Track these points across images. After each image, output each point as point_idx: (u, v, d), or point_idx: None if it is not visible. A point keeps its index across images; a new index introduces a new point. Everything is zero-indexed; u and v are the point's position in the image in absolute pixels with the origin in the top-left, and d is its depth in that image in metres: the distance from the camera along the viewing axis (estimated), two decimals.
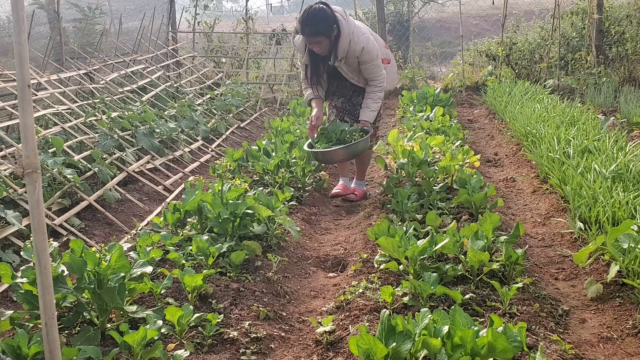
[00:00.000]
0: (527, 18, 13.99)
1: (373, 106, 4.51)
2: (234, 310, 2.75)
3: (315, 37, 4.24)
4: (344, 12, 4.41)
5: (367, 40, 4.34)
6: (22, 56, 1.71)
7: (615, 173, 4.05)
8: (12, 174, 4.02)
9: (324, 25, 4.21)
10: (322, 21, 4.21)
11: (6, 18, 7.73)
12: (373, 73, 4.46)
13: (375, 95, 4.51)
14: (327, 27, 4.21)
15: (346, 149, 4.30)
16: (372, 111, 4.51)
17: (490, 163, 5.70)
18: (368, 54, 4.34)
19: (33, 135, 1.75)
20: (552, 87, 8.72)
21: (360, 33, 4.36)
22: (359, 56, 4.34)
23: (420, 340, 2.03)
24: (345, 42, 4.27)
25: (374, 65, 4.41)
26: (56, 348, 1.82)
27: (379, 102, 4.55)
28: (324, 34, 4.23)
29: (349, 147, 4.30)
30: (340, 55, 4.33)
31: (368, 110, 4.50)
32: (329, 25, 4.21)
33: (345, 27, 4.28)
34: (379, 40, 4.69)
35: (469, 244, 2.95)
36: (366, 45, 4.31)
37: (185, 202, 3.60)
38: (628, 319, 2.68)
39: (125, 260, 2.55)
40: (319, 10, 4.23)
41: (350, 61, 4.41)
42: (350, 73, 4.52)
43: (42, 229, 1.75)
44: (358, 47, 4.30)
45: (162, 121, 6.29)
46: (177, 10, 11.38)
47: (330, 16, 4.22)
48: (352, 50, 4.32)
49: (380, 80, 4.49)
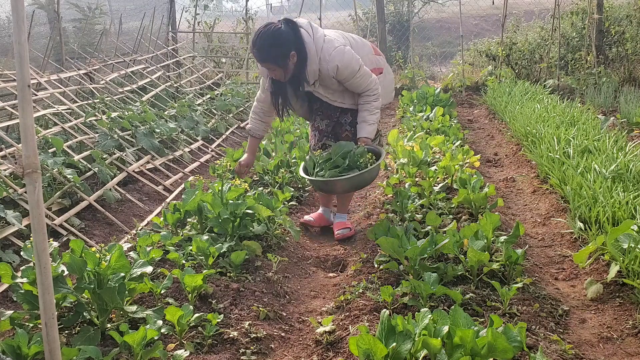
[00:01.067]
0: (527, 18, 14.00)
1: (371, 119, 3.78)
2: (234, 310, 2.75)
3: (265, 64, 3.61)
4: (310, 26, 3.68)
5: (341, 54, 3.61)
6: (22, 56, 1.71)
7: (615, 173, 4.05)
8: (12, 174, 4.02)
9: (275, 53, 3.53)
10: (273, 48, 3.52)
11: (6, 18, 7.74)
12: (362, 85, 3.74)
13: (371, 105, 3.79)
14: (278, 55, 3.53)
15: (355, 178, 3.53)
16: (371, 125, 3.79)
17: (490, 163, 5.70)
18: (347, 69, 3.63)
19: (33, 135, 1.75)
20: (552, 87, 8.72)
21: (332, 47, 3.62)
22: (335, 75, 3.64)
23: (420, 341, 2.03)
24: (314, 63, 3.60)
25: (359, 76, 3.70)
26: (56, 348, 1.82)
27: (376, 113, 3.82)
28: (273, 62, 3.57)
29: (360, 176, 3.53)
30: (310, 79, 3.67)
31: (366, 125, 3.78)
32: (282, 52, 3.52)
33: (311, 47, 3.59)
34: (364, 46, 3.96)
35: (469, 244, 2.95)
36: (341, 60, 3.59)
37: (185, 202, 3.60)
38: (628, 319, 2.68)
39: (125, 260, 2.55)
40: (271, 34, 3.52)
41: (327, 83, 3.72)
42: (330, 96, 3.82)
43: (42, 229, 1.75)
44: (331, 66, 3.60)
45: (162, 121, 6.29)
46: (177, 10, 11.39)
47: (286, 40, 3.53)
48: (325, 71, 3.63)
49: (372, 88, 3.78)
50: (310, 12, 13.44)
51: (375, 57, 4.00)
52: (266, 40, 3.52)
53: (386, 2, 13.68)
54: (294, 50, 3.55)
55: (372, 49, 4.05)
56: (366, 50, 3.92)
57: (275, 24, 3.58)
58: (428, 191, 4.04)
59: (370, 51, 3.98)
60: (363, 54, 3.81)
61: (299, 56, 3.58)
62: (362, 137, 3.78)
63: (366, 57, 3.85)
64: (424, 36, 16.43)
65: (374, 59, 3.96)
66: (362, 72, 3.70)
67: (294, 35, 3.56)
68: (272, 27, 3.54)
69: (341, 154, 3.64)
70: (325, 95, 3.81)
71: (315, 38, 3.63)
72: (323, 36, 3.68)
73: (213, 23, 11.72)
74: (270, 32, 3.53)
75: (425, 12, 17.28)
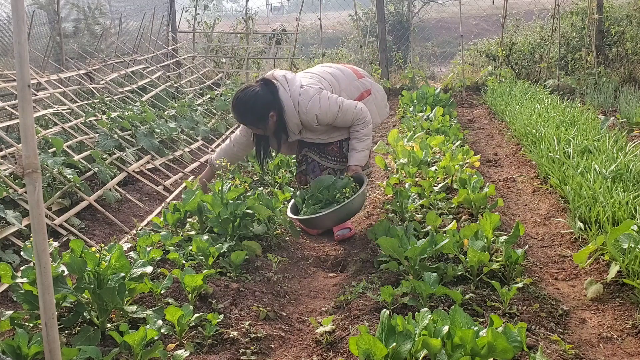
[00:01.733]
0: (527, 18, 14.00)
1: (360, 146, 3.84)
2: (234, 310, 2.75)
3: (244, 124, 3.83)
4: (285, 80, 3.76)
5: (317, 104, 3.70)
6: (22, 56, 1.71)
7: (615, 173, 4.05)
8: (12, 174, 4.02)
9: (250, 116, 3.72)
10: (249, 112, 3.70)
11: (6, 18, 7.74)
12: (348, 120, 3.83)
13: (360, 133, 3.86)
14: (254, 118, 3.72)
15: (337, 211, 3.55)
16: (360, 152, 3.85)
17: (490, 163, 5.70)
18: (327, 115, 3.74)
19: (33, 135, 1.75)
20: (552, 87, 8.72)
21: (307, 98, 3.70)
22: (317, 123, 3.77)
23: (420, 341, 2.03)
24: (294, 117, 3.74)
25: (342, 114, 3.78)
26: (56, 348, 1.82)
27: (367, 140, 3.88)
28: (251, 124, 3.78)
29: (343, 208, 3.55)
30: (295, 131, 3.83)
31: (355, 152, 3.84)
32: (259, 115, 3.69)
33: (288, 104, 3.71)
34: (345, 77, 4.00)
35: (469, 244, 2.95)
36: (318, 110, 3.70)
37: (185, 202, 3.60)
38: (628, 319, 2.68)
39: (125, 260, 2.55)
40: (248, 99, 3.67)
41: (314, 129, 3.84)
42: (322, 136, 3.92)
43: (42, 229, 1.75)
44: (310, 117, 3.73)
45: (162, 121, 6.29)
46: (177, 10, 11.39)
47: (262, 104, 3.67)
48: (306, 122, 3.76)
49: (359, 118, 3.83)
50: (310, 12, 13.44)
51: (359, 82, 4.05)
52: (243, 105, 3.68)
53: (386, 2, 13.67)
54: (273, 111, 3.69)
55: (354, 73, 4.09)
56: (349, 79, 3.98)
57: (253, 87, 3.72)
58: (428, 191, 4.04)
59: (353, 77, 4.02)
60: (345, 86, 3.90)
61: (278, 115, 3.71)
62: (351, 165, 3.85)
63: (350, 86, 3.93)
64: (424, 36, 16.42)
65: (358, 85, 4.01)
66: (345, 109, 3.76)
67: (271, 96, 3.69)
68: (249, 92, 3.68)
69: (322, 189, 3.70)
70: (315, 138, 3.90)
71: (291, 92, 3.72)
72: (299, 88, 3.74)
73: (213, 23, 11.71)
74: (247, 98, 3.66)
75: (425, 12, 17.28)
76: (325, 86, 3.87)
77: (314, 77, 3.91)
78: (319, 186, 3.74)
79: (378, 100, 4.10)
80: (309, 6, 13.89)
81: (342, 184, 3.67)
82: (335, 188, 3.67)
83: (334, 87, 3.92)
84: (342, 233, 3.97)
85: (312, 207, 3.67)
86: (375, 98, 4.07)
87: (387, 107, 4.28)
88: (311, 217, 3.61)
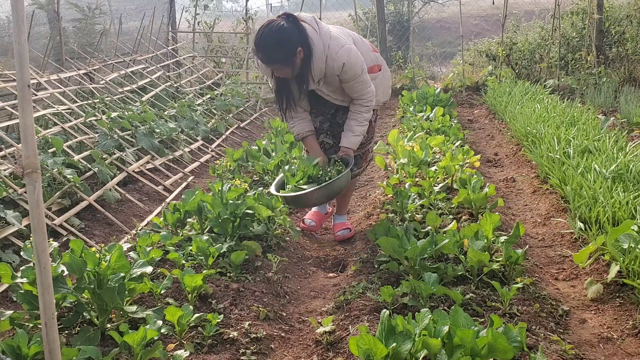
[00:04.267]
0: (527, 18, 14.00)
1: (358, 130, 3.69)
2: (234, 310, 2.75)
3: (272, 65, 3.50)
4: (314, 21, 3.55)
5: (348, 54, 3.50)
6: (22, 56, 1.71)
7: (615, 173, 4.05)
8: (12, 174, 4.02)
9: (281, 52, 3.40)
10: (278, 46, 3.38)
11: (6, 18, 7.73)
12: (358, 91, 3.64)
13: (362, 116, 3.69)
14: (285, 54, 3.40)
15: (320, 189, 3.53)
16: (356, 136, 3.70)
17: (490, 163, 5.70)
18: (351, 70, 3.52)
19: (33, 135, 1.75)
20: (552, 87, 8.72)
21: (339, 45, 3.50)
22: (339, 74, 3.53)
23: (420, 341, 2.03)
24: (321, 61, 3.48)
25: (359, 82, 3.59)
26: (56, 348, 1.82)
27: (365, 125, 3.72)
28: (281, 62, 3.45)
29: (325, 188, 3.53)
30: (316, 77, 3.55)
31: (351, 135, 3.70)
32: (289, 50, 3.39)
33: (318, 44, 3.46)
34: (364, 44, 3.84)
35: (469, 244, 2.95)
36: (347, 60, 3.49)
37: (185, 202, 3.60)
38: (628, 319, 2.68)
39: (125, 261, 2.55)
40: (275, 32, 3.37)
41: (330, 80, 3.61)
42: (332, 94, 3.71)
43: (42, 229, 1.75)
44: (337, 64, 3.48)
45: (162, 121, 6.29)
46: (177, 10, 11.39)
47: (290, 38, 3.39)
48: (331, 69, 3.51)
49: (367, 98, 3.67)
50: (310, 12, 13.43)
51: (374, 54, 3.90)
52: (271, 39, 3.37)
53: (386, 2, 13.67)
54: (300, 47, 3.41)
55: (370, 46, 3.95)
56: (366, 47, 3.82)
57: (277, 21, 3.43)
58: (428, 191, 4.04)
59: (370, 49, 3.87)
60: (364, 52, 3.72)
61: (305, 52, 3.44)
62: (343, 146, 3.71)
63: (367, 54, 3.75)
64: (424, 36, 16.41)
65: (373, 57, 3.85)
66: (363, 78, 3.61)
67: (297, 31, 3.42)
68: (274, 26, 3.38)
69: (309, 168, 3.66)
70: (327, 93, 3.69)
71: (322, 34, 3.50)
72: (329, 33, 3.55)
73: (213, 23, 11.72)
74: (274, 31, 3.37)
75: (425, 12, 17.28)
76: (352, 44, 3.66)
77: (341, 32, 3.73)
78: (305, 164, 3.67)
79: (385, 79, 3.96)
80: (309, 6, 13.89)
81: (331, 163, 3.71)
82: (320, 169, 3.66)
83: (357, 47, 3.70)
84: (342, 233, 3.98)
85: (295, 184, 3.64)
86: (383, 77, 3.93)
87: (390, 90, 4.13)
88: (296, 195, 3.56)
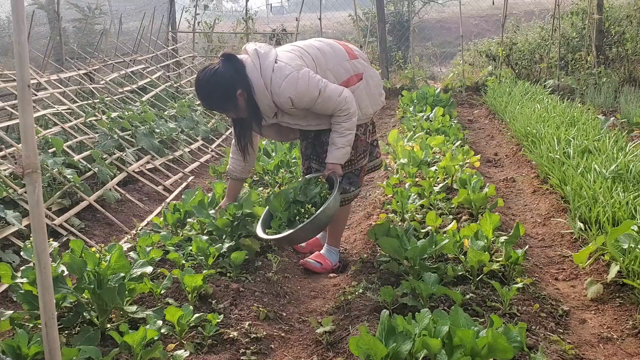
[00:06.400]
0: (527, 18, 14.01)
1: (340, 142, 3.26)
2: (234, 310, 2.75)
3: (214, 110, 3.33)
4: (256, 55, 3.18)
5: (293, 84, 3.09)
6: (22, 56, 1.71)
7: (615, 173, 4.05)
8: (12, 174, 4.02)
9: (217, 99, 3.20)
10: (214, 93, 3.16)
11: (6, 18, 7.74)
12: (329, 108, 3.21)
13: (341, 127, 3.26)
14: (221, 100, 3.19)
15: (306, 226, 3.12)
16: (340, 148, 3.27)
17: (490, 163, 5.70)
18: (304, 98, 3.13)
19: (33, 135, 1.75)
20: (552, 88, 8.72)
21: (282, 78, 3.10)
22: (292, 107, 3.17)
23: (420, 341, 2.03)
24: (266, 98, 3.15)
25: (322, 101, 3.16)
26: (56, 348, 1.82)
27: (348, 135, 3.27)
28: (221, 108, 3.32)
29: (310, 223, 3.11)
30: (269, 114, 3.25)
31: (334, 149, 3.28)
32: (225, 95, 3.15)
33: (257, 82, 3.13)
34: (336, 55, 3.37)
35: (469, 244, 2.95)
36: (294, 91, 3.09)
37: (185, 202, 3.60)
38: (628, 319, 2.68)
39: (125, 261, 2.55)
40: (209, 78, 3.14)
41: (290, 112, 3.25)
42: (300, 122, 3.32)
43: (42, 229, 1.75)
44: (284, 100, 3.12)
45: (162, 121, 6.29)
46: (177, 10, 11.40)
47: (225, 83, 3.13)
48: (280, 104, 3.17)
49: (342, 108, 3.21)
50: (310, 12, 13.43)
51: (350, 63, 3.41)
52: (205, 87, 3.18)
53: (386, 2, 13.68)
54: (240, 89, 3.15)
55: (347, 52, 3.45)
56: (338, 58, 3.38)
57: (213, 66, 3.20)
58: (428, 191, 4.04)
59: (344, 57, 3.40)
60: (332, 65, 3.34)
61: (247, 93, 3.17)
62: (329, 162, 3.31)
63: (338, 66, 3.35)
64: (424, 36, 16.42)
65: (349, 67, 3.39)
66: (326, 95, 3.16)
67: (234, 72, 3.15)
68: (209, 72, 3.16)
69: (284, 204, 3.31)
70: (294, 123, 3.33)
71: (263, 69, 3.14)
72: (272, 64, 3.15)
73: (213, 23, 11.72)
74: (208, 77, 3.15)
75: (425, 12, 17.27)
76: (308, 62, 3.27)
77: (294, 51, 3.31)
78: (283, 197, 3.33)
79: (371, 87, 3.48)
80: (309, 6, 13.88)
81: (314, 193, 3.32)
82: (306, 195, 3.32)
83: (319, 64, 3.31)
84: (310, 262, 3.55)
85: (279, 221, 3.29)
86: (368, 85, 3.46)
87: (383, 95, 3.64)
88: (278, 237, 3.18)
